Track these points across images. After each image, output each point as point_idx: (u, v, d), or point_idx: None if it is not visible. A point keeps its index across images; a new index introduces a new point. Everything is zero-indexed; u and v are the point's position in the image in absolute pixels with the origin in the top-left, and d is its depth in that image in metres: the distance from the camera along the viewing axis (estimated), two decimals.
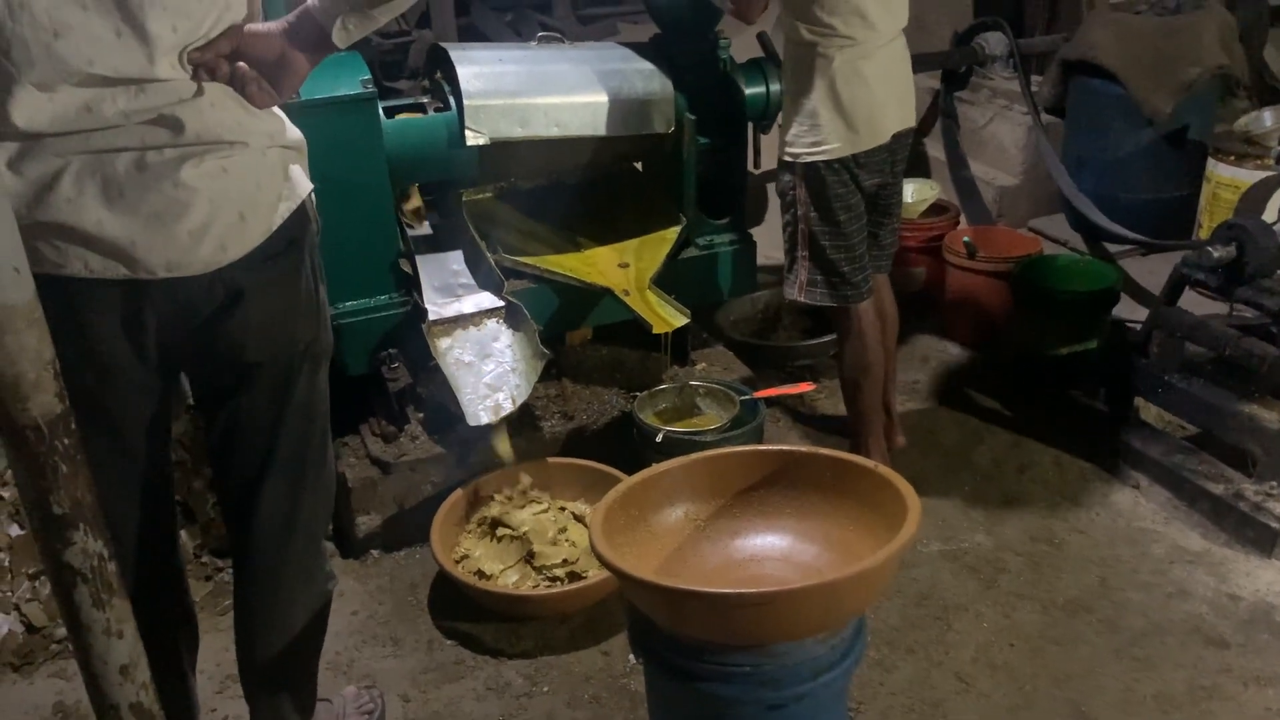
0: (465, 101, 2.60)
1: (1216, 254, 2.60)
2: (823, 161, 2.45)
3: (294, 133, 1.57)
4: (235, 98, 1.47)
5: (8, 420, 1.23)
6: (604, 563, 1.51)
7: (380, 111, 2.53)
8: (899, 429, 2.93)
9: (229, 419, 1.67)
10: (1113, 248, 3.81)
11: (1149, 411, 2.96)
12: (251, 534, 1.74)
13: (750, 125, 3.06)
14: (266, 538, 1.74)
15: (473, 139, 2.62)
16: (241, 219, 1.49)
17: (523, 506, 2.54)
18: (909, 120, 2.59)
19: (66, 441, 1.27)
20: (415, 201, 3.06)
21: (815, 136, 2.44)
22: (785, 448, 1.79)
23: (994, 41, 4.22)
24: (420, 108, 2.70)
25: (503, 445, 2.60)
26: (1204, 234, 3.63)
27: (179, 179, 1.42)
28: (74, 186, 1.38)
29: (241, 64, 1.45)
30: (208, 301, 1.53)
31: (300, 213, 1.59)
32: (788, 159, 2.51)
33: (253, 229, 1.51)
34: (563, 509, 2.57)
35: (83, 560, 1.31)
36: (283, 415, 1.67)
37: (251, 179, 1.50)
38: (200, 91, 1.43)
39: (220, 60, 1.43)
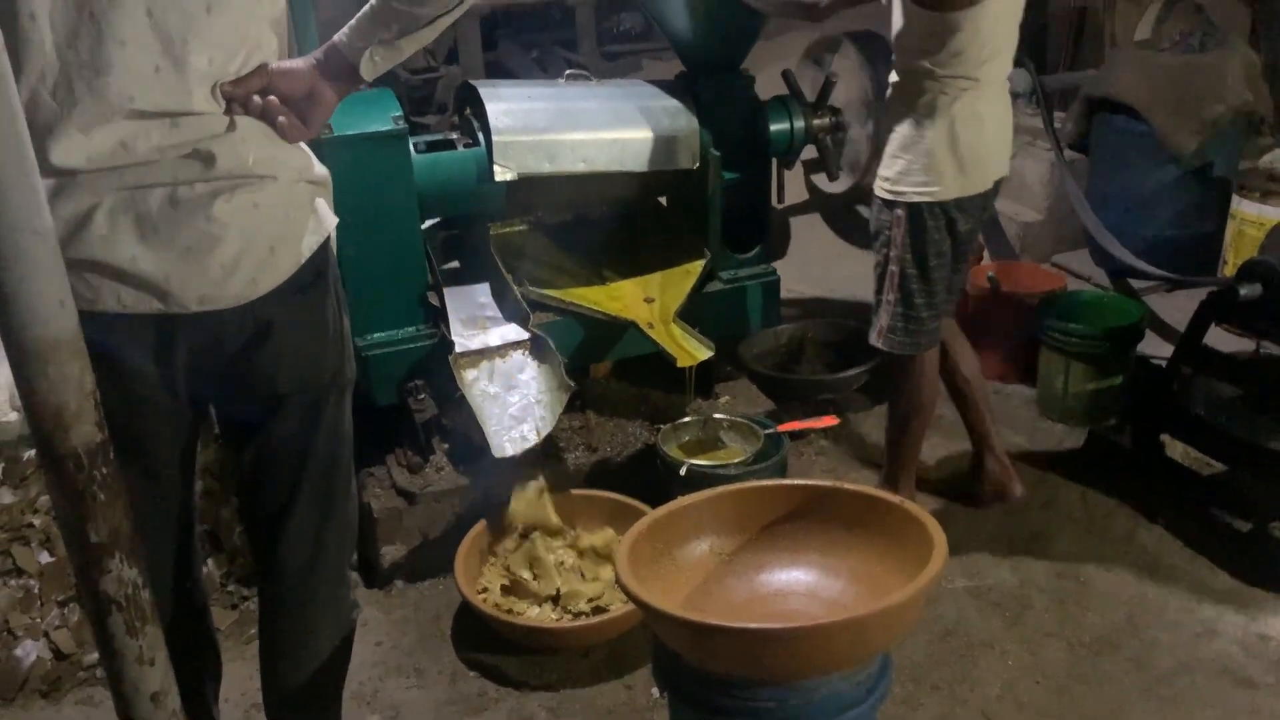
0: (494, 137, 2.64)
1: (1243, 291, 2.59)
2: (927, 203, 2.40)
3: (320, 168, 1.61)
4: (266, 132, 1.50)
5: (49, 449, 1.25)
6: (630, 596, 1.52)
7: (411, 147, 2.57)
8: (1016, 475, 2.83)
9: (258, 450, 1.69)
10: (1137, 284, 3.80)
11: (1175, 448, 2.94)
12: (279, 563, 1.76)
13: (774, 160, 3.08)
14: (293, 566, 1.76)
15: (501, 174, 2.66)
16: (272, 252, 1.52)
17: (547, 538, 2.55)
18: (1006, 167, 2.57)
19: (105, 470, 1.29)
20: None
21: (925, 176, 2.38)
22: (809, 482, 1.80)
23: (1017, 78, 4.22)
24: (450, 143, 2.74)
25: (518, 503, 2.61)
26: (1230, 270, 3.62)
27: (211, 214, 1.45)
28: (107, 223, 1.41)
29: (272, 98, 1.48)
30: (238, 334, 1.55)
31: (325, 246, 1.62)
32: (889, 197, 2.43)
33: (283, 262, 1.54)
34: (587, 543, 2.57)
35: (118, 588, 1.33)
36: (312, 445, 1.69)
37: (281, 213, 1.53)
38: (232, 126, 1.46)
39: (252, 95, 1.46)
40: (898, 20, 2.39)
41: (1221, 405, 2.80)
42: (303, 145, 1.58)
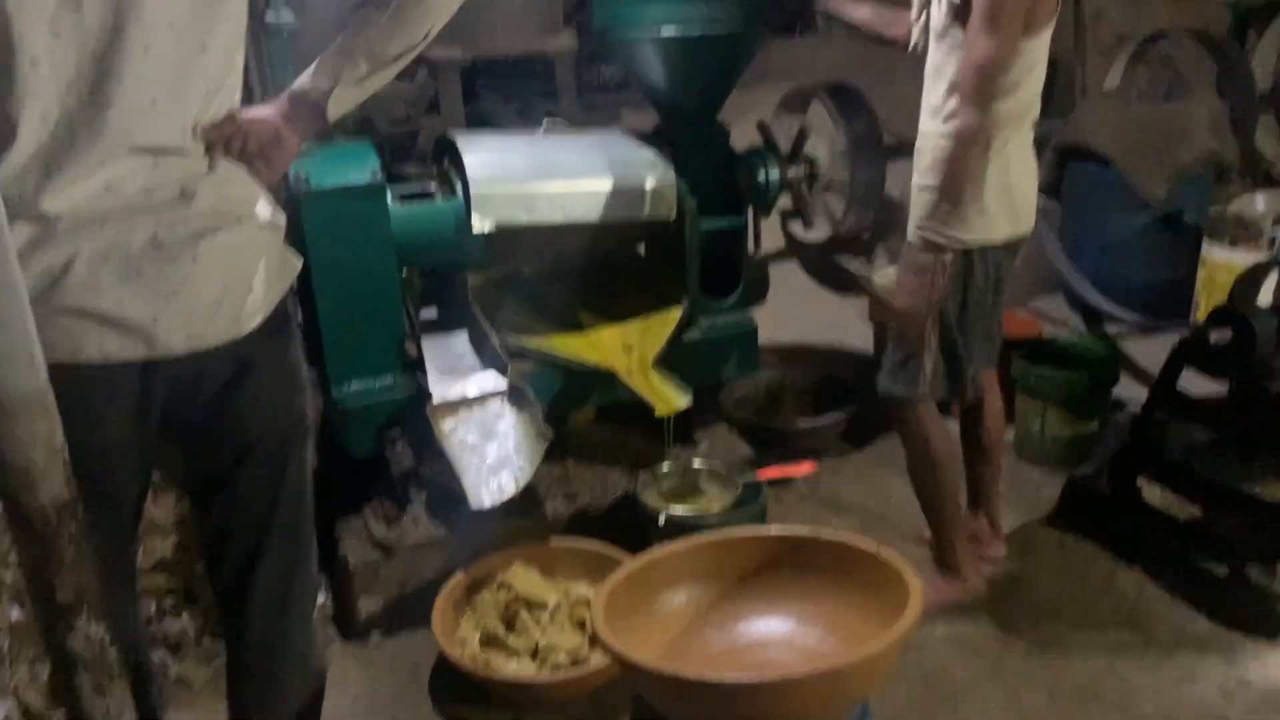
0: (472, 189, 2.66)
1: (1213, 337, 2.63)
2: (978, 248, 2.33)
3: (280, 211, 1.64)
4: (242, 174, 1.53)
5: (16, 507, 1.24)
6: (607, 649, 1.51)
7: (389, 199, 2.59)
8: (1000, 537, 2.82)
9: (228, 499, 1.69)
10: (1111, 327, 3.84)
11: (1152, 492, 2.96)
12: (248, 614, 1.75)
13: (751, 209, 3.12)
14: (263, 617, 1.75)
15: (479, 225, 2.67)
16: (251, 291, 1.54)
17: (526, 589, 2.53)
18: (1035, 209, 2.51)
19: (73, 528, 1.28)
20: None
21: (980, 219, 2.29)
22: (786, 531, 1.80)
23: None
24: (429, 194, 2.75)
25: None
26: (1202, 315, 3.67)
27: (197, 253, 1.46)
28: (88, 270, 1.40)
29: (247, 139, 1.52)
30: (218, 376, 1.56)
31: (291, 288, 1.65)
32: (938, 240, 2.31)
33: (262, 301, 1.56)
34: (566, 592, 2.56)
35: (85, 646, 1.32)
36: (279, 492, 1.70)
37: (260, 252, 1.55)
38: (213, 167, 1.49)
39: (228, 137, 1.50)
40: (942, 60, 2.29)
41: (1196, 449, 2.82)
42: (265, 189, 1.61)
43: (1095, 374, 3.20)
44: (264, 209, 1.57)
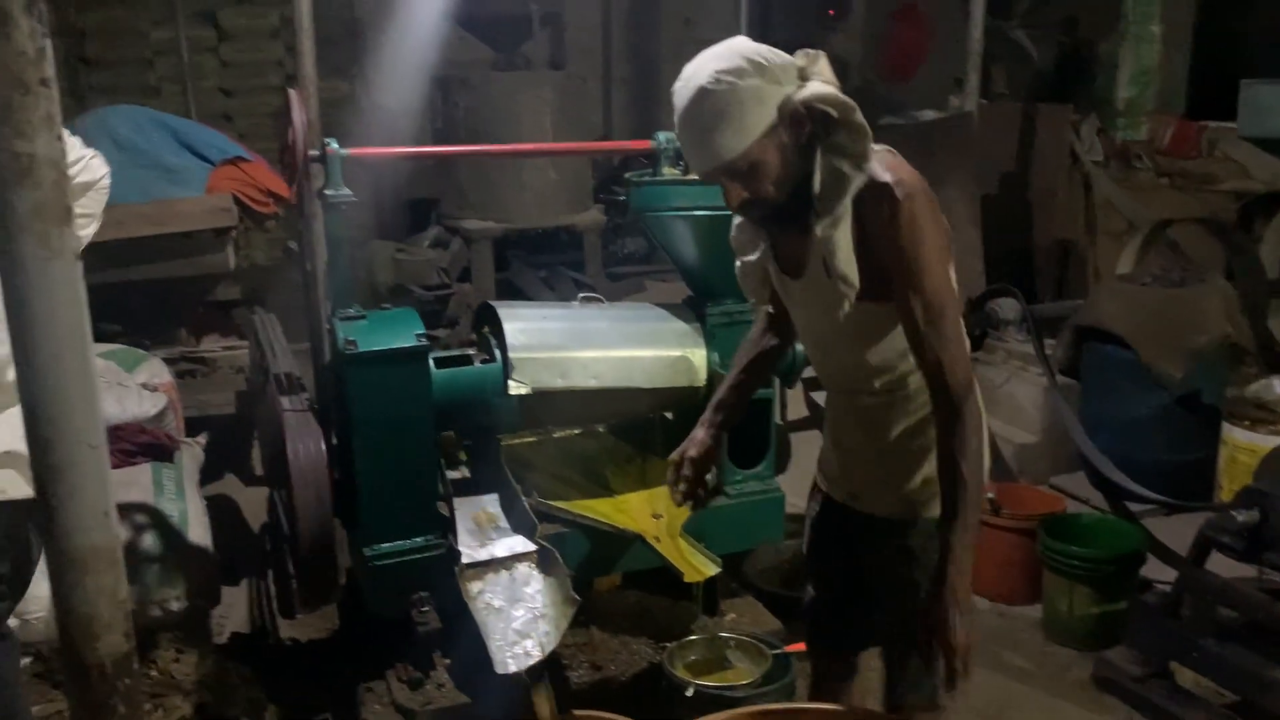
0: (510, 354, 2.75)
1: (1240, 519, 2.64)
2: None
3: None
4: None
5: (75, 658, 1.26)
6: None
7: (431, 363, 2.68)
8: None
9: None
10: (1135, 507, 3.84)
11: (1184, 676, 2.91)
12: None
13: (778, 381, 3.19)
14: None
15: (516, 388, 2.74)
16: None
17: None
18: None
19: (128, 681, 1.29)
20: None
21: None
22: (813, 706, 1.78)
23: (1006, 307, 4.45)
24: (467, 359, 2.84)
25: (542, 706, 2.53)
26: (1225, 495, 3.67)
27: None
28: None
29: None
30: None
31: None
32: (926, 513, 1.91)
33: None
34: None
35: None
36: None
37: None
38: None
39: None
40: (869, 327, 1.89)
41: (1228, 633, 2.78)
42: None
43: (1123, 553, 3.19)
44: None
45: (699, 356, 2.98)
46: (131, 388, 3.58)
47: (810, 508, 2.25)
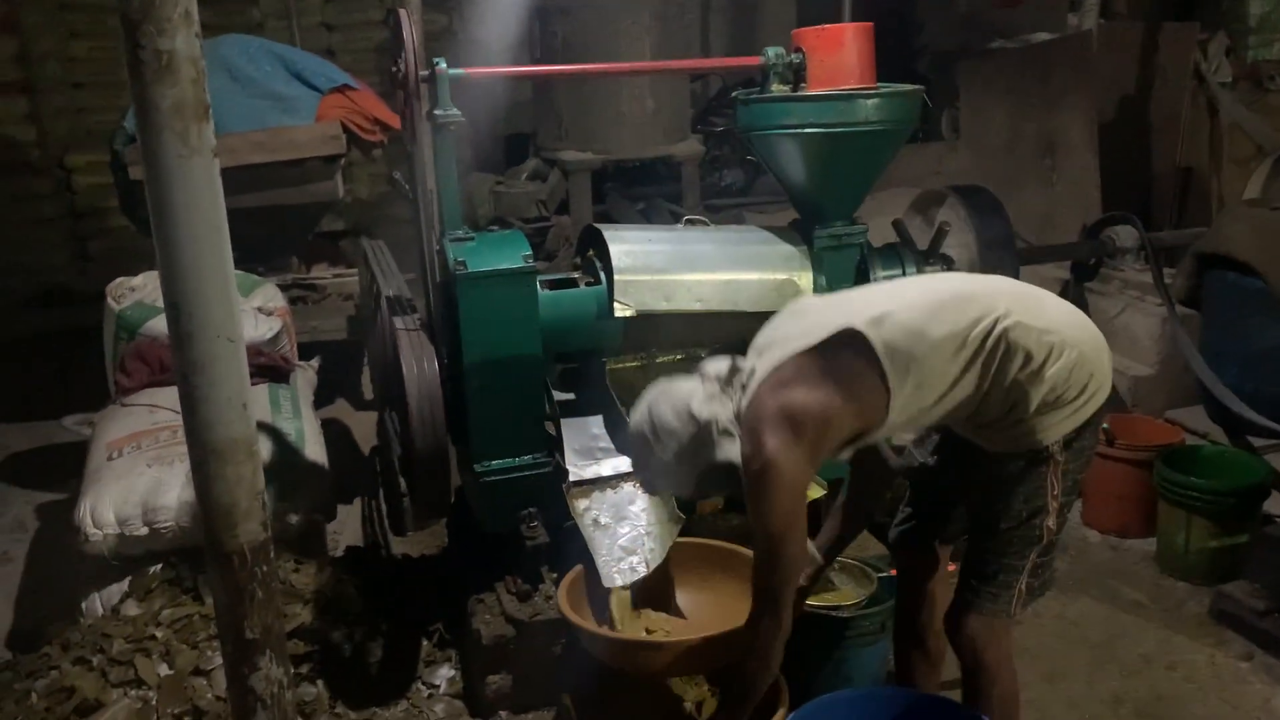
0: (616, 277, 2.75)
1: None
2: (1086, 419, 2.01)
3: None
4: None
5: (216, 546, 1.33)
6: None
7: (538, 284, 2.69)
8: None
9: None
10: (1258, 441, 3.69)
11: None
12: None
13: None
14: None
15: (621, 311, 2.75)
16: None
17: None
18: None
19: (264, 568, 1.36)
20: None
21: (1087, 389, 1.99)
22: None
23: (1124, 235, 4.27)
24: (572, 282, 2.86)
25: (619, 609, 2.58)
26: None
27: None
28: None
29: None
30: None
31: None
32: (1046, 449, 1.99)
33: None
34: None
35: (265, 686, 1.38)
36: None
37: None
38: None
39: None
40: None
41: None
42: None
43: (1244, 486, 3.08)
44: None
45: (805, 279, 2.94)
46: (248, 311, 3.69)
47: None
